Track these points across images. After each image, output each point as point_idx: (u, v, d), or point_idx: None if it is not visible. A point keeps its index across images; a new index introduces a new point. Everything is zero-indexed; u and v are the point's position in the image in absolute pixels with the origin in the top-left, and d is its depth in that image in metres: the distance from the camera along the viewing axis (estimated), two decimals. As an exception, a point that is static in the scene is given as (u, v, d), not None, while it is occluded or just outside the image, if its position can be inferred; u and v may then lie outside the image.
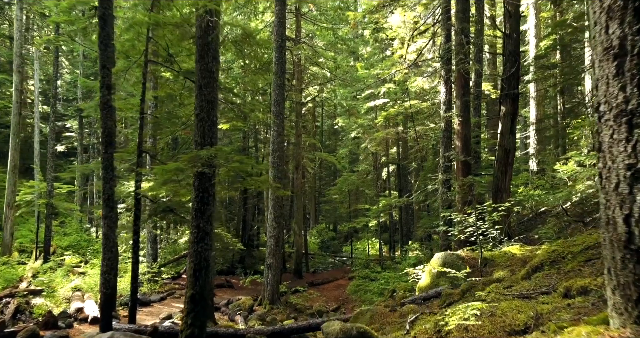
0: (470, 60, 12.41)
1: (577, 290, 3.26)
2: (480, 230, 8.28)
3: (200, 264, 6.62)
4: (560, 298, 3.35)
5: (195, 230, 6.71)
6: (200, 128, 6.86)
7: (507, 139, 11.99)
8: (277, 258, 14.28)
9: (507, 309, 3.35)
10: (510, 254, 8.14)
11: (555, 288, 3.96)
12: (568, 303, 3.11)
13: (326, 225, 36.50)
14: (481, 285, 6.58)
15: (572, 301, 3.15)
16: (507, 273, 7.11)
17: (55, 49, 20.18)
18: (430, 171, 19.98)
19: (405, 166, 23.93)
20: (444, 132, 13.42)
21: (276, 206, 14.12)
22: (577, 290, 3.26)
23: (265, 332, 7.99)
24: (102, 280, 7.98)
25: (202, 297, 6.59)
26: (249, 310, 13.63)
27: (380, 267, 19.89)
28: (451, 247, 12.29)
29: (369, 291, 16.36)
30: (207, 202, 6.78)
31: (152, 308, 13.24)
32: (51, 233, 18.98)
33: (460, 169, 12.40)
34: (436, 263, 8.50)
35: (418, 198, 14.43)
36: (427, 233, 18.42)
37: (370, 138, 23.49)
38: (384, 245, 28.15)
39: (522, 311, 3.21)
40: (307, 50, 20.72)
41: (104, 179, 8.07)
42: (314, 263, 27.23)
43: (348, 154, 33.90)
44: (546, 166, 23.36)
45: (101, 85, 8.21)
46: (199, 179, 6.76)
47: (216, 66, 7.15)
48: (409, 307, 7.22)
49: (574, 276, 4.41)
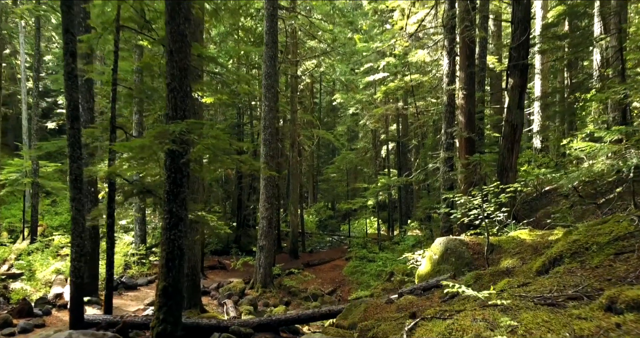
0: (476, 27, 11.45)
1: (627, 304, 2.52)
2: (486, 213, 7.54)
3: (173, 253, 5.89)
4: (601, 312, 2.62)
5: (168, 215, 5.95)
6: (171, 100, 6.02)
7: (514, 114, 11.15)
8: (270, 240, 13.64)
9: (531, 325, 2.62)
10: (519, 239, 7.43)
11: (588, 293, 3.23)
12: (617, 323, 2.38)
13: (325, 203, 35.89)
14: (488, 276, 5.88)
15: (622, 319, 2.42)
16: (516, 261, 6.40)
17: (37, 19, 19.07)
18: (431, 148, 19.17)
19: (405, 144, 23.08)
20: (446, 107, 12.54)
21: (268, 186, 13.39)
22: (627, 303, 2.52)
23: (250, 323, 7.34)
24: (72, 268, 7.27)
25: (175, 289, 5.89)
26: (240, 294, 13.04)
27: (378, 248, 19.31)
28: (452, 230, 11.60)
29: (366, 273, 15.79)
30: (180, 184, 6.01)
31: (138, 292, 12.64)
32: (37, 213, 18.28)
33: (464, 147, 11.60)
34: (437, 249, 7.80)
35: (418, 177, 13.67)
36: (427, 214, 17.75)
37: (369, 115, 22.60)
38: (383, 224, 27.57)
39: (552, 329, 2.49)
40: (301, 20, 19.60)
41: (71, 158, 7.27)
42: (311, 242, 26.68)
43: (347, 131, 33.03)
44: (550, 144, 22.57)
45: (65, 52, 7.32)
46: (170, 158, 5.97)
47: (189, 28, 6.27)
48: (407, 299, 6.54)
49: (607, 275, 3.67)
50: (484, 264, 7.06)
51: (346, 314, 6.72)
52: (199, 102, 10.33)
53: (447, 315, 3.79)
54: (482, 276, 5.92)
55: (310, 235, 28.12)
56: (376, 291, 12.88)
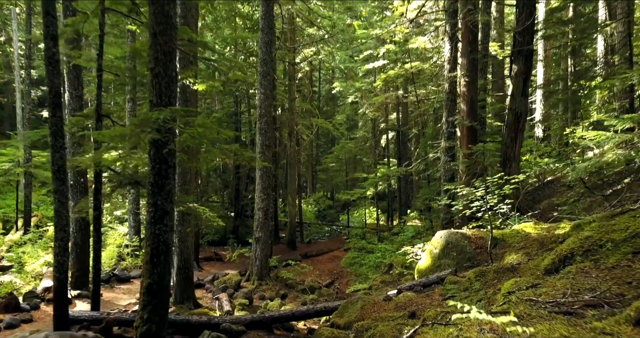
0: (479, 11, 10.99)
1: (661, 318, 2.19)
2: (489, 205, 7.20)
3: (158, 248, 5.55)
4: (629, 327, 2.28)
5: (152, 208, 5.60)
6: (155, 86, 5.64)
7: (518, 102, 10.76)
8: (266, 232, 13.32)
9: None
10: (524, 233, 7.09)
11: (608, 300, 2.89)
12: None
13: (324, 193, 35.56)
14: (492, 273, 5.55)
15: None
16: (522, 257, 6.08)
17: (28, 4, 18.55)
18: (431, 137, 18.78)
19: (405, 133, 22.66)
20: (447, 94, 12.12)
21: (264, 176, 13.03)
22: (661, 317, 2.20)
23: (242, 320, 7.03)
24: (56, 263, 6.95)
25: (161, 287, 5.57)
26: (236, 286, 12.77)
27: (377, 238, 19.02)
28: (453, 222, 11.27)
29: (365, 265, 15.51)
30: (165, 175, 5.65)
31: (131, 285, 12.36)
32: (31, 203, 17.94)
33: (466, 136, 11.22)
34: (438, 243, 7.47)
35: (418, 167, 13.31)
36: (427, 205, 17.41)
37: (369, 103, 22.14)
38: (382, 214, 27.24)
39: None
40: (299, 6, 19.06)
41: (53, 147, 6.89)
42: (310, 232, 26.41)
43: (346, 120, 32.53)
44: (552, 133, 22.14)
45: (45, 36, 6.92)
46: (154, 148, 5.60)
47: (174, 8, 5.85)
48: (406, 296, 6.23)
49: (626, 278, 3.32)
50: (487, 259, 6.73)
51: (342, 311, 6.41)
52: (191, 89, 9.93)
53: (449, 319, 3.46)
54: (485, 272, 5.60)
55: (309, 225, 27.83)
56: (375, 284, 12.60)
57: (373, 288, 11.98)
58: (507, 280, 4.62)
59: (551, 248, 6.04)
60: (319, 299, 12.68)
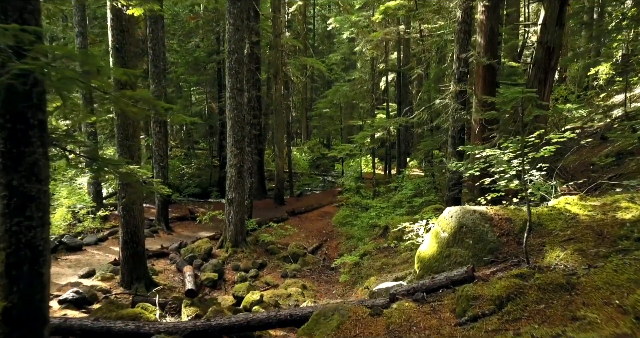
0: None
1: None
2: (528, 174, 5.17)
3: (18, 255, 3.58)
4: None
5: (6, 192, 3.57)
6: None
7: (552, 33, 8.43)
8: (241, 192, 11.39)
9: None
10: (568, 214, 5.09)
11: None
12: None
13: (319, 140, 33.38)
14: (535, 291, 3.61)
15: None
16: (573, 256, 4.12)
17: None
18: (436, 79, 16.40)
19: (407, 74, 20.14)
20: (460, 25, 9.65)
21: (235, 127, 10.88)
22: None
23: (181, 330, 5.23)
24: None
25: (26, 313, 3.65)
26: (206, 255, 11.01)
27: (373, 193, 17.19)
28: (461, 183, 9.29)
29: (357, 225, 13.76)
30: (25, 141, 3.57)
31: (81, 255, 10.57)
32: None
33: (482, 77, 8.95)
34: (447, 225, 5.50)
35: (421, 116, 11.11)
36: (429, 160, 15.37)
37: (366, 40, 19.43)
38: (379, 162, 25.28)
39: None
40: None
41: None
42: (301, 184, 24.61)
43: (341, 60, 29.70)
44: (568, 74, 19.66)
45: None
46: (5, 99, 3.50)
47: None
48: (402, 309, 4.35)
49: None
50: (517, 252, 4.79)
51: (312, 328, 4.55)
52: (126, 16, 7.57)
53: None
54: (523, 290, 3.65)
55: (301, 175, 26.00)
56: (368, 251, 10.87)
57: (365, 259, 10.26)
58: (562, 312, 2.66)
59: (621, 246, 4.07)
60: (302, 269, 11.02)
